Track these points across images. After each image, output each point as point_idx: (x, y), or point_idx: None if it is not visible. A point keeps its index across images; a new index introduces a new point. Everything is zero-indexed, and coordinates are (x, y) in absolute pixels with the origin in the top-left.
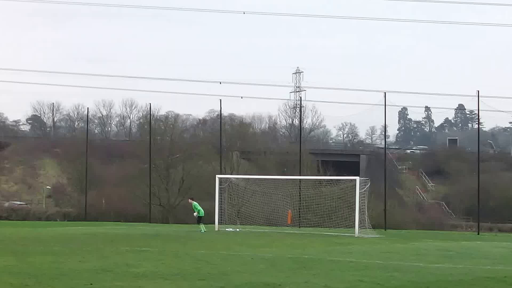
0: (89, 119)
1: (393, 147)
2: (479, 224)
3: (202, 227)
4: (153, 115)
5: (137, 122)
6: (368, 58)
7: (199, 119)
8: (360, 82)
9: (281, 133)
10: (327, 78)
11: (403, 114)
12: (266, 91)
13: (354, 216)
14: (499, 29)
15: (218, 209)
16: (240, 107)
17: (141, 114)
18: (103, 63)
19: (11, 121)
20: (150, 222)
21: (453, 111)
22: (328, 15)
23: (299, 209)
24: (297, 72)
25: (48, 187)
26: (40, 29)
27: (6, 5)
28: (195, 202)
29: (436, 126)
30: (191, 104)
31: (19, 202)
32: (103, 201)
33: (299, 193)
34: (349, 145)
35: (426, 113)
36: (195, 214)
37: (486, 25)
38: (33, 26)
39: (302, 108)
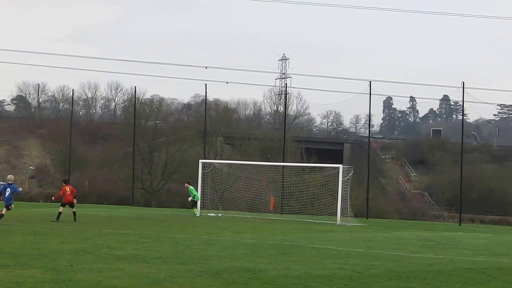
0: (74, 101)
1: (377, 136)
2: (460, 215)
3: (196, 211)
4: (138, 99)
5: (122, 105)
6: (354, 47)
7: (184, 104)
8: (345, 70)
9: (266, 119)
10: (313, 65)
11: (388, 103)
12: (251, 77)
13: (337, 204)
14: (486, 21)
15: (201, 194)
16: (225, 93)
17: (126, 97)
18: (89, 45)
19: None
20: (133, 205)
21: (438, 102)
22: (315, 2)
23: (281, 195)
24: (283, 59)
25: (31, 167)
26: (28, 10)
27: None
28: (191, 187)
29: (421, 116)
30: (177, 88)
31: (1, 182)
32: (86, 183)
33: (282, 179)
34: (333, 133)
35: (411, 103)
36: (189, 198)
37: (473, 17)
38: (21, 7)
39: (287, 95)
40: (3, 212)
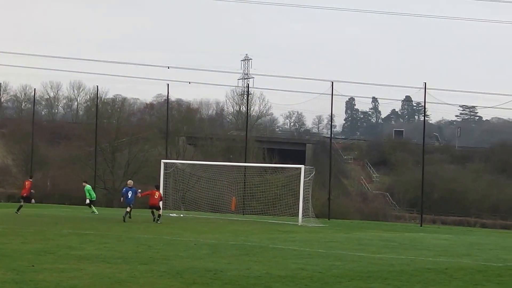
0: (36, 101)
1: (339, 137)
2: (422, 216)
3: (94, 209)
4: (101, 98)
5: (84, 104)
6: (316, 47)
7: (147, 104)
8: (308, 71)
9: (228, 119)
10: (275, 66)
11: (350, 104)
12: (214, 77)
13: (298, 204)
14: (448, 22)
15: (163, 194)
16: (187, 93)
17: (88, 97)
18: (51, 45)
19: None
20: (95, 206)
21: (400, 103)
22: (276, 2)
23: (243, 196)
24: (245, 59)
25: None
26: None
27: None
28: (88, 186)
29: (383, 117)
30: (139, 88)
31: None
32: (48, 183)
33: (244, 180)
34: (295, 133)
35: (373, 104)
36: (87, 201)
37: (435, 17)
38: None
39: (249, 95)
40: (127, 210)
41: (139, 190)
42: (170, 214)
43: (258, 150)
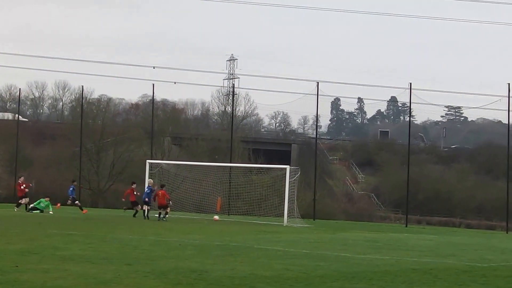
0: (21, 101)
1: (325, 137)
2: (407, 216)
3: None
4: (86, 98)
5: (69, 104)
6: (302, 47)
7: (132, 104)
8: (293, 71)
9: (214, 120)
10: (261, 66)
11: (335, 104)
12: (199, 77)
13: (284, 205)
14: (434, 23)
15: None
16: (173, 93)
17: (73, 97)
18: (36, 44)
19: None
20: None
21: (385, 103)
22: (262, 3)
23: (228, 196)
24: (231, 59)
25: None
26: None
27: None
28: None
29: (368, 117)
30: (124, 88)
31: None
32: (33, 184)
33: (230, 180)
34: (281, 134)
35: (359, 104)
36: (50, 212)
37: (420, 18)
38: None
39: (235, 95)
40: (148, 208)
41: (155, 187)
42: (155, 215)
43: (243, 150)
